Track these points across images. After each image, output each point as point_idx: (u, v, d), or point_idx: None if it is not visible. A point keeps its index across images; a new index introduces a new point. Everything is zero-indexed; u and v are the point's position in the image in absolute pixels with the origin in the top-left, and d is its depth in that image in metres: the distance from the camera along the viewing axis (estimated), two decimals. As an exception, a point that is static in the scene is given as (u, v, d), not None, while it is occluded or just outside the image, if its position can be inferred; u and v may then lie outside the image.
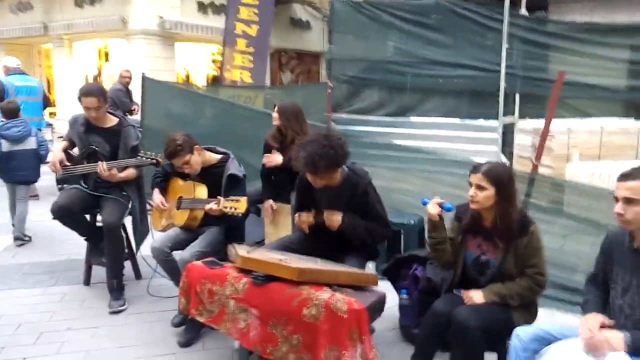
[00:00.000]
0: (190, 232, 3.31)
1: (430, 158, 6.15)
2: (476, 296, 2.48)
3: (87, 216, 3.93)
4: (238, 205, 2.94)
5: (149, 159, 3.50)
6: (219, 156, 3.39)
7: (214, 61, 14.99)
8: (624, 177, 2.06)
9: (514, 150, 6.78)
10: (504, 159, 7.94)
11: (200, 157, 3.28)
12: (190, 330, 3.19)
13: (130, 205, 3.82)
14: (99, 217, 3.87)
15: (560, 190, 4.03)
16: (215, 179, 3.30)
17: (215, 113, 6.13)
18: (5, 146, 5.08)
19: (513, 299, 2.45)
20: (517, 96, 8.35)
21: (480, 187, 2.42)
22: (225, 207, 2.98)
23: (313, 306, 2.41)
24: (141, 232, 3.98)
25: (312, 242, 3.02)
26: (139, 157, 3.53)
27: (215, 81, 12.91)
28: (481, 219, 2.53)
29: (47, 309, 3.66)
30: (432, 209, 2.55)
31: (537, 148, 3.88)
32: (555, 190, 4.05)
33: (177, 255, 3.24)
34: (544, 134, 3.82)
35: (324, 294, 2.43)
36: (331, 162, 2.68)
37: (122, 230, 3.76)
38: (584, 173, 5.52)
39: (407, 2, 9.36)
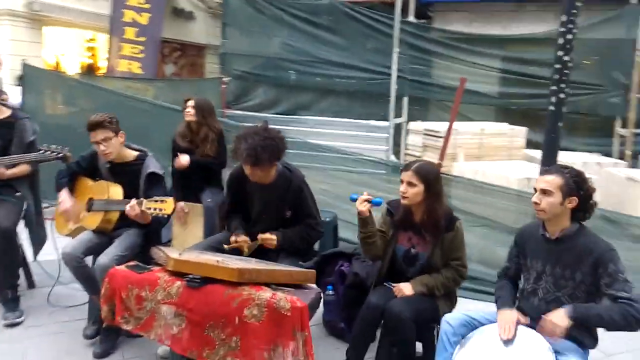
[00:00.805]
0: (103, 236, 3.08)
1: (333, 156, 6.35)
2: (406, 288, 2.62)
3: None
4: (164, 206, 2.80)
5: (55, 154, 3.18)
6: (136, 153, 3.20)
7: (89, 49, 13.94)
8: (544, 171, 2.31)
9: (406, 149, 7.20)
10: (393, 158, 8.42)
11: (120, 146, 3.07)
12: (106, 339, 2.98)
13: (24, 207, 3.47)
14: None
15: (458, 187, 4.40)
16: (131, 178, 3.11)
17: (108, 106, 5.73)
18: None
19: (439, 290, 2.63)
20: (406, 99, 8.85)
21: (410, 184, 2.57)
22: (149, 209, 2.82)
23: (254, 306, 2.39)
24: (39, 237, 3.63)
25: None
26: (41, 152, 3.20)
27: (90, 70, 12.01)
28: (411, 214, 2.68)
29: None
30: (362, 206, 2.62)
31: (441, 149, 4.18)
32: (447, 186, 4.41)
33: (90, 260, 3.02)
34: (447, 135, 4.14)
35: (265, 294, 2.42)
36: (273, 155, 2.68)
37: (16, 235, 3.39)
38: (468, 171, 6.05)
39: (302, 1, 9.50)
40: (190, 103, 4.23)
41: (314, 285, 2.68)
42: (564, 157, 7.04)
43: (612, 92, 7.70)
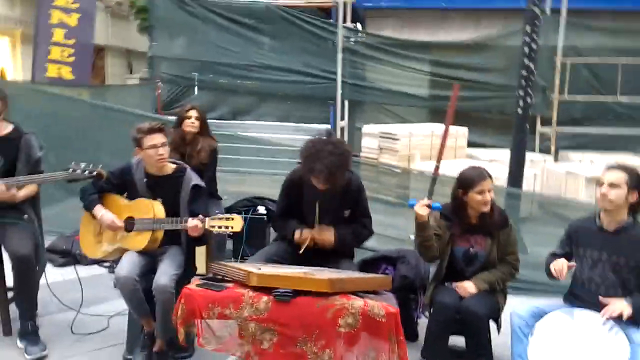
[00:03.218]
0: (147, 256, 2.92)
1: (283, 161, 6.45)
2: (469, 287, 2.81)
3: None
4: (232, 223, 2.72)
5: (86, 172, 2.92)
6: (174, 166, 3.06)
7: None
8: (610, 167, 2.61)
9: (361, 152, 7.44)
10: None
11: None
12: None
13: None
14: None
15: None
16: (170, 192, 2.98)
17: (66, 115, 5.34)
18: None
19: (499, 285, 2.87)
20: (347, 102, 9.10)
21: (490, 190, 2.77)
22: (213, 227, 2.73)
23: (349, 315, 2.44)
24: (43, 261, 3.34)
25: (296, 251, 2.98)
26: (70, 170, 2.94)
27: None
28: (467, 216, 2.88)
29: None
30: (422, 210, 2.75)
31: (438, 151, 4.44)
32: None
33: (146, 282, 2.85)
34: (444, 138, 4.40)
35: (357, 302, 2.47)
36: (347, 170, 2.71)
37: (34, 262, 3.08)
38: (426, 171, 6.41)
39: (236, 3, 9.38)
40: (194, 114, 4.09)
41: (387, 291, 2.76)
42: (494, 155, 7.75)
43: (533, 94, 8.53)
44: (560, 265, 2.58)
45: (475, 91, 8.92)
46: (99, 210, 2.96)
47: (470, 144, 8.19)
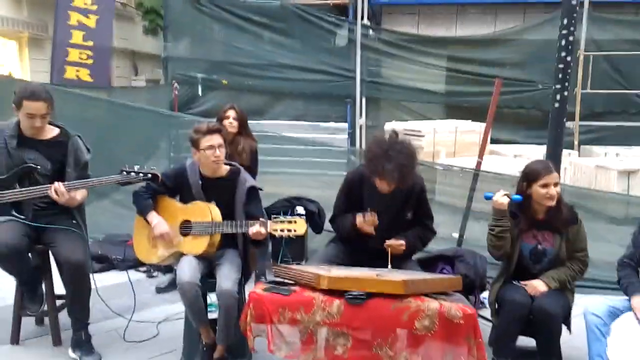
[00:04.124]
0: (204, 260, 2.85)
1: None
2: (540, 285, 2.73)
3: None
4: (295, 226, 2.64)
5: (140, 175, 2.84)
6: (228, 167, 2.98)
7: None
8: None
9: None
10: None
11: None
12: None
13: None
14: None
15: (495, 183, 4.64)
16: (225, 194, 2.91)
17: (100, 116, 5.28)
18: None
19: (570, 283, 2.79)
20: (364, 100, 9.04)
21: (557, 184, 2.69)
22: (275, 230, 2.65)
23: (425, 317, 2.37)
24: (91, 267, 3.25)
25: (356, 252, 2.91)
26: (123, 173, 2.86)
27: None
28: (535, 212, 2.80)
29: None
30: (503, 199, 2.70)
31: (479, 148, 4.37)
32: (492, 183, 4.63)
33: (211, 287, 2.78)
34: (485, 135, 4.33)
35: (433, 304, 2.40)
36: (415, 170, 2.64)
37: (89, 269, 3.00)
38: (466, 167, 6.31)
39: (251, 2, 9.31)
40: (232, 114, 4.02)
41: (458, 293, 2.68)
42: (519, 150, 7.68)
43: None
44: None
45: (492, 86, 8.84)
46: (153, 217, 2.88)
47: (493, 141, 8.11)
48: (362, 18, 8.94)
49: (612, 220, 5.10)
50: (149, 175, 2.84)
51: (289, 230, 2.65)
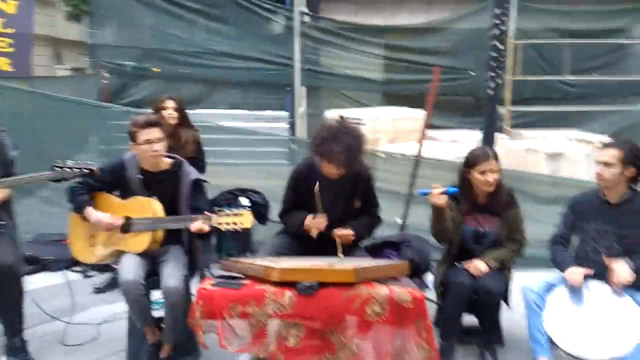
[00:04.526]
0: (147, 257, 2.73)
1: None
2: (481, 265, 2.83)
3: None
4: (241, 219, 2.58)
5: (78, 170, 2.66)
6: (169, 160, 2.87)
7: None
8: (605, 146, 2.68)
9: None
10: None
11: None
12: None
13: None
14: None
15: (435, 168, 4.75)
16: (167, 188, 2.80)
17: (23, 109, 4.94)
18: None
19: (508, 262, 2.91)
20: (304, 89, 9.00)
21: (495, 171, 2.79)
22: (220, 224, 2.58)
23: (376, 303, 2.39)
24: (22, 269, 3.06)
25: (304, 243, 2.89)
26: (56, 169, 2.67)
27: None
28: (476, 197, 2.89)
29: None
30: (440, 199, 2.71)
31: (420, 135, 4.47)
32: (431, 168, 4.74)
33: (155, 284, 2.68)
34: (426, 121, 4.44)
35: (383, 290, 2.43)
36: (363, 154, 2.64)
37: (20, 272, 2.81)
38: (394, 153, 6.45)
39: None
40: (171, 104, 3.88)
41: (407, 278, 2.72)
42: (455, 136, 7.93)
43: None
44: (579, 279, 2.61)
45: (428, 74, 9.05)
46: (92, 212, 2.73)
47: (429, 127, 8.31)
48: (300, 5, 8.86)
49: (541, 201, 5.36)
50: (86, 171, 2.67)
51: (235, 224, 2.59)
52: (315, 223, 2.78)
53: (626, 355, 2.42)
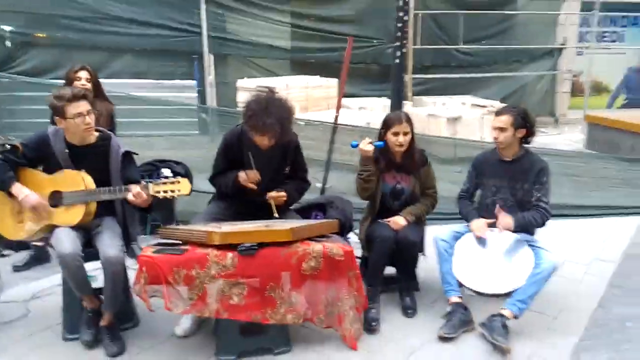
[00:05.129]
0: (81, 230, 2.73)
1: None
2: (400, 220, 3.14)
3: None
4: (179, 187, 2.63)
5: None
6: (96, 133, 2.84)
7: None
8: (498, 113, 3.07)
9: (238, 107, 7.40)
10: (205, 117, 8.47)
11: None
12: (113, 335, 2.72)
13: None
14: None
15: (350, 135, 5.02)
16: (96, 161, 2.77)
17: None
18: None
19: (424, 216, 3.25)
20: (212, 56, 8.87)
21: (406, 134, 3.07)
22: (158, 192, 2.63)
23: (312, 259, 2.62)
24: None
25: (238, 207, 3.03)
26: (-23, 146, 2.57)
27: None
28: (393, 156, 3.18)
29: None
30: (368, 146, 3.00)
31: (337, 102, 4.69)
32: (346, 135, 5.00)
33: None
34: (341, 89, 4.65)
35: (317, 246, 2.66)
36: (292, 125, 2.78)
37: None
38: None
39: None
40: (84, 75, 3.75)
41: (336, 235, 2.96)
42: (363, 103, 8.30)
43: (391, 45, 9.19)
44: (482, 229, 3.01)
45: (334, 42, 9.30)
46: (19, 189, 2.66)
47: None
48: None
49: (444, 162, 5.88)
50: (8, 147, 2.60)
51: (173, 191, 2.66)
52: (249, 175, 2.90)
53: (519, 287, 2.86)
